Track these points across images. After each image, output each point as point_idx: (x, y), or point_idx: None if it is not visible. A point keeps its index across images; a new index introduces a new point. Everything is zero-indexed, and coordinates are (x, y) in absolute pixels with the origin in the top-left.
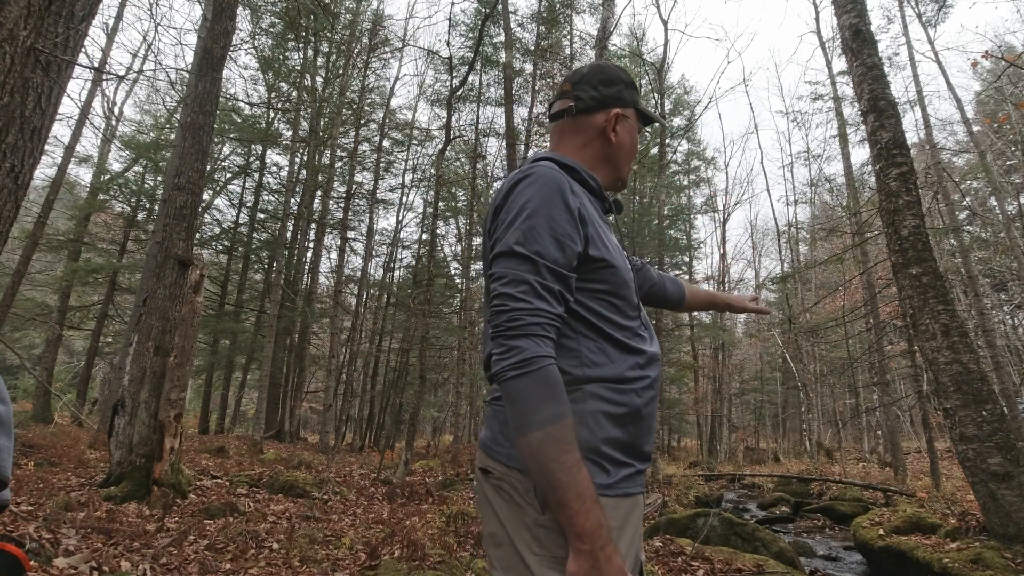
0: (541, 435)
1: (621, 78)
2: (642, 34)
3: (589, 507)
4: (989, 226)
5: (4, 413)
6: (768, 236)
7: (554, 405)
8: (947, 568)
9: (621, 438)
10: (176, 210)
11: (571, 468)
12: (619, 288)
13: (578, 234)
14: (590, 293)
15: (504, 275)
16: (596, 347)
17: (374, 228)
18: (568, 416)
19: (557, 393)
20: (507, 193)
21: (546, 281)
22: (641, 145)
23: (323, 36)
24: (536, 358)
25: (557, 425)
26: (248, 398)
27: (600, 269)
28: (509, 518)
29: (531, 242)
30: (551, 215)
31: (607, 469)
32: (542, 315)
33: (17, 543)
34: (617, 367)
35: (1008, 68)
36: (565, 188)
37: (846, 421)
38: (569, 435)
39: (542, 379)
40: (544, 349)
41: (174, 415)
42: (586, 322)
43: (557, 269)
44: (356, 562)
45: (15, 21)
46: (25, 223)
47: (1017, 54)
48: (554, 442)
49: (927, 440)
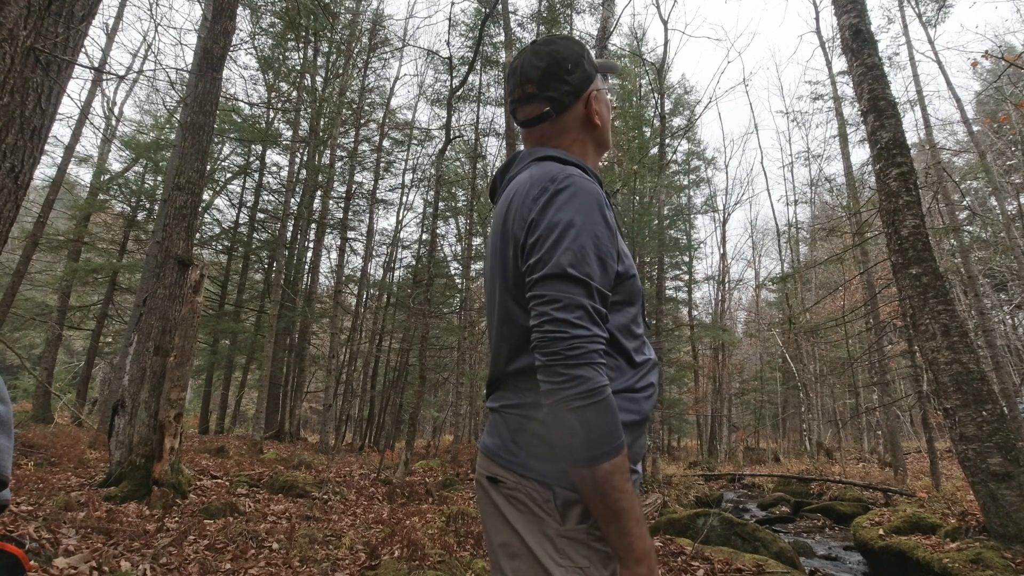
0: (609, 466)
1: (576, 51)
2: (642, 34)
3: (644, 532)
4: (989, 226)
5: (4, 413)
6: (768, 236)
7: (617, 436)
8: (947, 568)
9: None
10: (176, 210)
11: (631, 495)
12: (635, 297)
13: (616, 252)
14: (612, 305)
15: (559, 299)
16: (613, 362)
17: (374, 228)
18: (626, 444)
19: (619, 421)
20: (546, 205)
21: (597, 305)
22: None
23: (323, 36)
24: (602, 388)
25: (622, 456)
26: (248, 398)
27: (623, 281)
28: (527, 529)
29: (582, 264)
30: (595, 233)
31: None
32: (599, 341)
33: (17, 543)
34: (628, 379)
35: (1008, 68)
36: (604, 202)
37: (846, 421)
38: (627, 464)
39: (609, 409)
40: (604, 377)
41: (174, 415)
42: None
43: (604, 291)
44: (356, 562)
45: (15, 21)
46: (25, 223)
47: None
48: (620, 472)
49: (927, 440)
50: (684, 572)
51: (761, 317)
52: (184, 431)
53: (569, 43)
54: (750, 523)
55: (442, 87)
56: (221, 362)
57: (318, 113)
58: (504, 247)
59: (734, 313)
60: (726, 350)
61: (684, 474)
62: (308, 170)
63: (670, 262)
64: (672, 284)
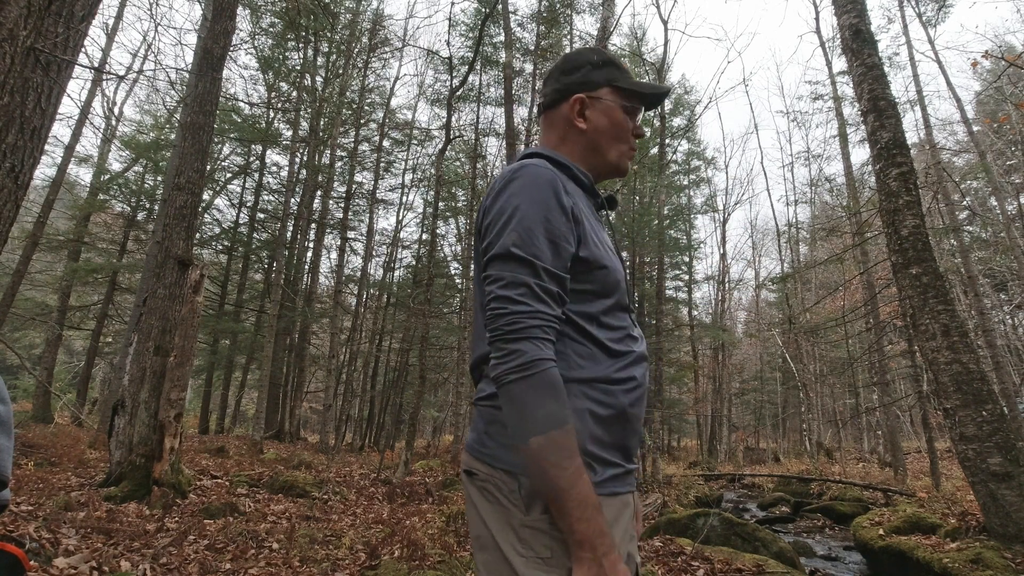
0: (543, 440)
1: (588, 60)
2: (642, 34)
3: (591, 514)
4: (989, 226)
5: (4, 413)
6: (768, 236)
7: (556, 409)
8: (947, 568)
9: (606, 438)
10: (176, 210)
11: (572, 474)
12: (609, 289)
13: (572, 235)
14: (579, 294)
15: (502, 277)
16: (584, 349)
17: (374, 228)
18: (570, 421)
19: (559, 396)
20: (499, 192)
21: (544, 283)
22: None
23: (323, 36)
24: (537, 361)
25: (559, 430)
26: (248, 398)
27: (592, 270)
28: (494, 520)
29: (528, 244)
30: (547, 216)
31: (594, 468)
32: (541, 317)
33: (17, 543)
34: (603, 368)
35: (1008, 68)
36: (559, 187)
37: (846, 421)
38: (571, 440)
39: (544, 382)
40: (544, 352)
41: (174, 415)
42: (574, 324)
43: (554, 271)
44: (356, 562)
45: (15, 21)
46: (25, 223)
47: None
48: (556, 447)
49: (927, 440)
50: (684, 572)
51: (761, 317)
52: (184, 431)
53: (588, 53)
54: (750, 523)
55: (442, 87)
56: (221, 362)
57: (318, 113)
58: (478, 240)
59: (734, 313)
60: (726, 350)
61: (684, 474)
62: (308, 170)
63: (670, 262)
64: (672, 284)
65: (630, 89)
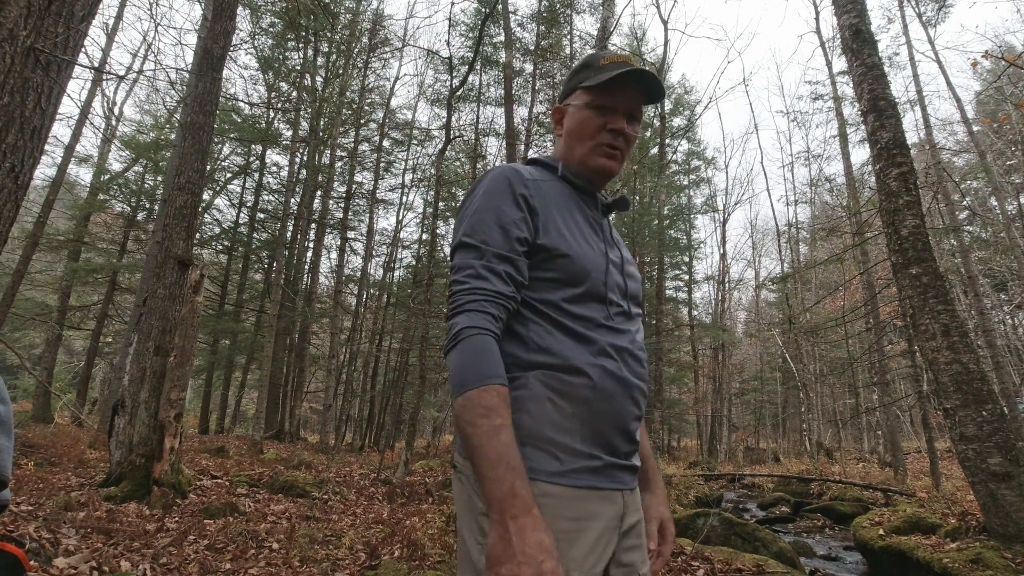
0: (461, 400)
1: (573, 69)
2: (642, 34)
3: (502, 474)
4: (989, 226)
5: (4, 413)
6: (768, 236)
7: (475, 371)
8: (947, 568)
9: (571, 426)
10: (176, 210)
11: (486, 433)
12: (575, 278)
13: (526, 223)
14: (542, 281)
15: (455, 265)
16: (544, 332)
17: (374, 228)
18: (491, 382)
19: (481, 360)
20: (466, 196)
21: (491, 264)
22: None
23: (323, 36)
24: (464, 329)
25: (475, 390)
26: (248, 398)
27: (553, 258)
28: (463, 509)
29: (478, 232)
30: (498, 206)
31: (558, 457)
32: (479, 292)
33: (17, 543)
34: (567, 355)
35: (1008, 68)
36: (514, 180)
37: (846, 421)
38: (489, 400)
39: (468, 347)
40: (475, 321)
41: (174, 415)
42: (535, 309)
43: (503, 253)
44: (356, 562)
45: (15, 21)
46: (25, 223)
47: (1017, 54)
48: (471, 406)
49: (927, 440)
50: (684, 572)
51: (761, 317)
52: (184, 431)
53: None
54: (750, 523)
55: (442, 87)
56: (221, 362)
57: (318, 113)
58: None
59: (734, 313)
60: (726, 350)
61: (684, 474)
62: (308, 170)
63: (670, 262)
64: (672, 284)
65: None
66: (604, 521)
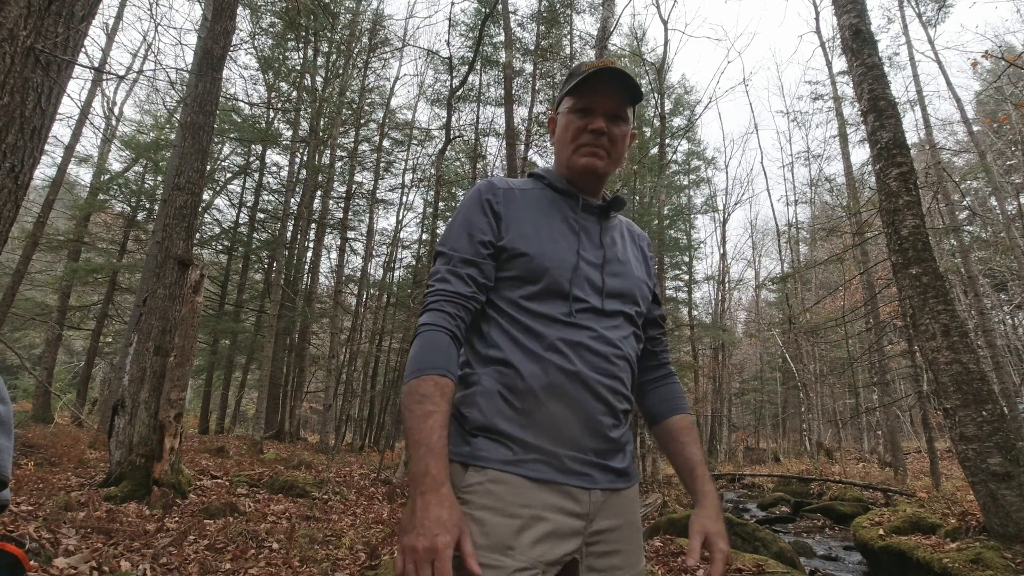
0: (406, 388)
1: (563, 83)
2: (642, 34)
3: (422, 454)
4: (989, 226)
5: (4, 413)
6: (768, 236)
7: (419, 362)
8: (947, 568)
9: (523, 421)
10: (176, 210)
11: (417, 417)
12: (533, 274)
13: (490, 227)
14: (504, 280)
15: (430, 272)
16: (501, 331)
17: (374, 228)
18: (431, 372)
19: (427, 353)
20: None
21: (455, 268)
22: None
23: (323, 36)
24: (422, 326)
25: (416, 379)
26: (248, 398)
27: (512, 258)
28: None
29: (447, 240)
30: (467, 217)
31: (510, 447)
32: (439, 294)
33: (17, 543)
34: (515, 350)
35: (1008, 68)
36: (484, 190)
37: (846, 421)
38: (425, 388)
39: (420, 342)
40: (431, 318)
41: (174, 415)
42: (497, 307)
43: (467, 257)
44: (356, 562)
45: (15, 21)
46: (25, 223)
47: (1017, 54)
48: (410, 393)
49: (927, 440)
50: (684, 572)
51: (761, 317)
52: (184, 431)
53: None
54: (750, 523)
55: (442, 87)
56: (221, 362)
57: (318, 113)
58: None
59: (734, 313)
60: (726, 350)
61: None
62: (308, 170)
63: (670, 262)
64: (672, 284)
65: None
66: (563, 516)
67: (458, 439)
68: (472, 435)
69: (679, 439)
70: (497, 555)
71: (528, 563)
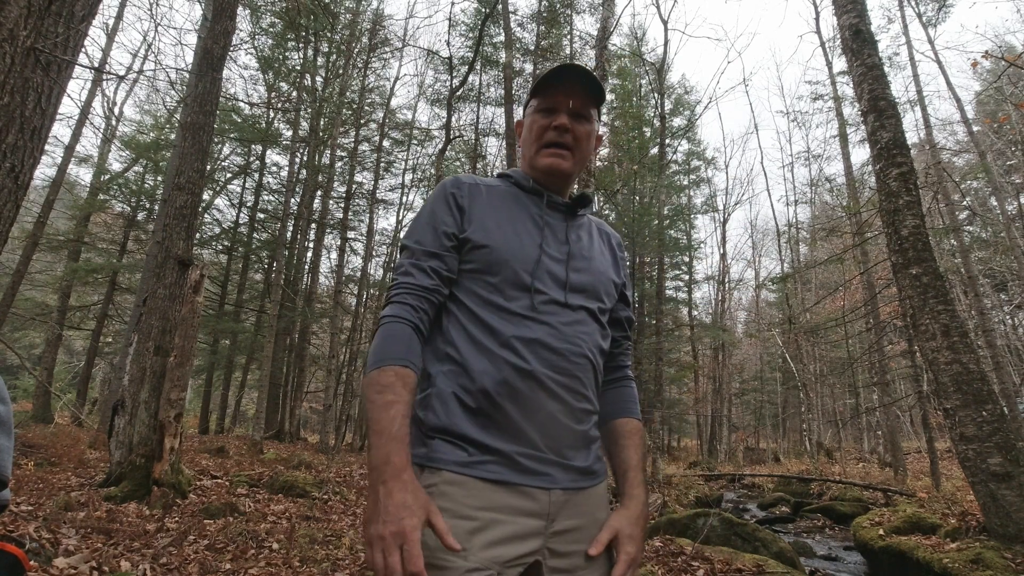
0: (365, 379)
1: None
2: (642, 34)
3: (383, 443)
4: (989, 226)
5: (4, 413)
6: (768, 236)
7: (380, 353)
8: (947, 568)
9: (477, 421)
10: (176, 210)
11: (378, 407)
12: (493, 266)
13: (453, 219)
14: (465, 273)
15: (395, 266)
16: (459, 327)
17: (374, 228)
18: (391, 363)
19: (387, 344)
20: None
21: (419, 260)
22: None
23: (323, 36)
24: (384, 318)
25: (377, 369)
26: (248, 398)
27: (473, 249)
28: None
29: (412, 234)
30: (432, 210)
31: (465, 449)
32: (403, 286)
33: (17, 543)
34: (473, 347)
35: (1008, 68)
36: (448, 185)
37: (846, 421)
38: (386, 378)
39: (381, 333)
40: (394, 311)
41: (174, 415)
42: (458, 301)
43: (431, 250)
44: (356, 562)
45: (15, 21)
46: (25, 223)
47: (1017, 54)
48: (370, 384)
49: (927, 440)
50: (684, 572)
51: (761, 317)
52: (184, 431)
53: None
54: (750, 523)
55: (442, 87)
56: (221, 362)
57: (318, 113)
58: None
59: (734, 313)
60: (726, 350)
61: (684, 474)
62: (308, 170)
63: (670, 262)
64: (672, 284)
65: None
66: (522, 518)
67: (416, 441)
68: (429, 437)
69: (619, 441)
70: (449, 556)
71: (480, 564)
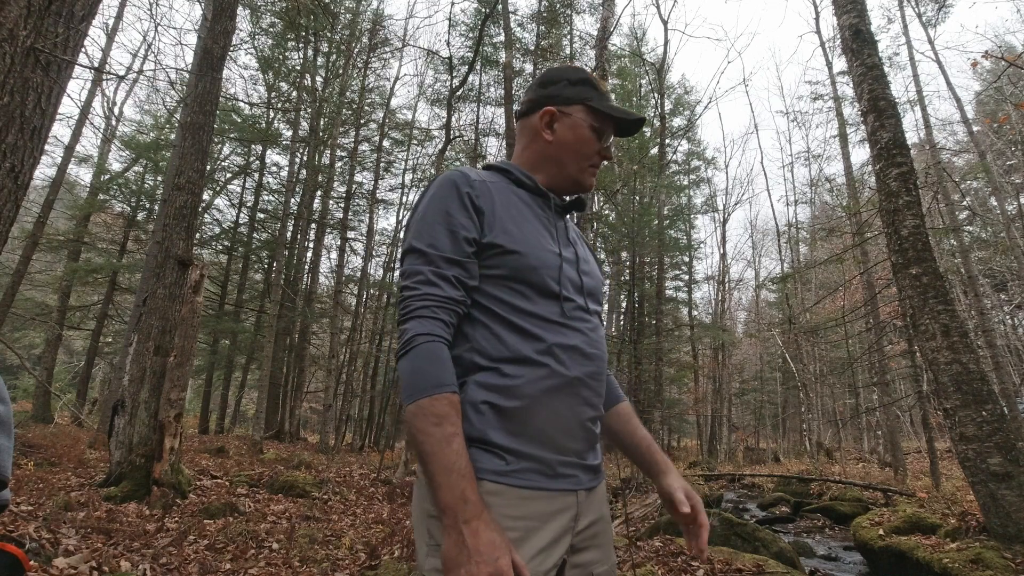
0: (414, 408)
1: (564, 76)
2: (642, 34)
3: (454, 481)
4: (989, 226)
5: (4, 413)
6: (768, 236)
7: (426, 379)
8: (947, 568)
9: (512, 428)
10: (176, 210)
11: (438, 440)
12: (523, 273)
13: (472, 223)
14: (490, 279)
15: (404, 270)
16: (489, 334)
17: (374, 228)
18: (444, 390)
19: (433, 367)
20: (416, 201)
21: (439, 268)
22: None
23: (323, 36)
24: (415, 336)
25: (428, 398)
26: (248, 398)
27: (499, 255)
28: (417, 512)
29: (425, 237)
30: (444, 210)
31: (503, 457)
32: (429, 298)
33: (17, 543)
34: (507, 355)
35: (1008, 68)
36: (460, 182)
37: (846, 421)
38: (441, 408)
39: (419, 355)
40: (425, 327)
41: (174, 415)
42: (483, 307)
43: (450, 256)
44: (356, 562)
45: (15, 21)
46: (25, 223)
47: (1017, 54)
48: (423, 414)
49: (927, 440)
50: (684, 572)
51: (761, 317)
52: (184, 431)
53: (566, 70)
54: (750, 523)
55: (442, 87)
56: (221, 362)
57: (318, 113)
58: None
59: (734, 313)
60: (726, 350)
61: (684, 474)
62: (308, 170)
63: (670, 262)
64: (672, 284)
65: (602, 111)
66: (556, 522)
67: None
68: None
69: (630, 421)
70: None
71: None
